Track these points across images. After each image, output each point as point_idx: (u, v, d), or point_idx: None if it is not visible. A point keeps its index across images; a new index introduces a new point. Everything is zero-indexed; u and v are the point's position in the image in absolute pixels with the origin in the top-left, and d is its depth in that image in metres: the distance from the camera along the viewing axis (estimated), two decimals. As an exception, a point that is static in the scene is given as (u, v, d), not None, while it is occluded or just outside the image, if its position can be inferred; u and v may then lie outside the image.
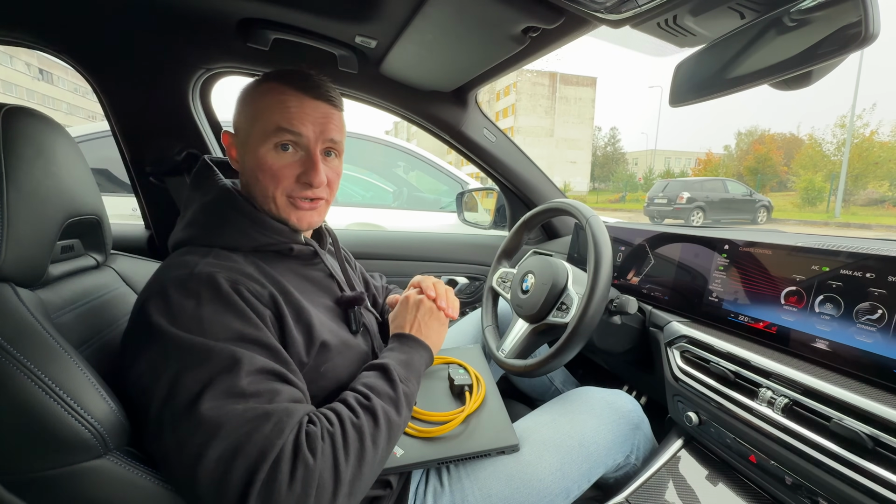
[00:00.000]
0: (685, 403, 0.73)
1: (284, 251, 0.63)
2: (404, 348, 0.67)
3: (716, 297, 0.75)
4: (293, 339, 0.56)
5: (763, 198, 12.76)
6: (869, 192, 17.86)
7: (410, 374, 0.63)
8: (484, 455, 0.69)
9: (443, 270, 1.38)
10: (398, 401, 0.57)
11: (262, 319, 0.53)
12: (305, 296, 0.62)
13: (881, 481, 0.45)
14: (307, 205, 0.64)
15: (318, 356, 0.59)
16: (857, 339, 0.54)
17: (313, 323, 0.59)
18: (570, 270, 0.87)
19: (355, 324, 0.68)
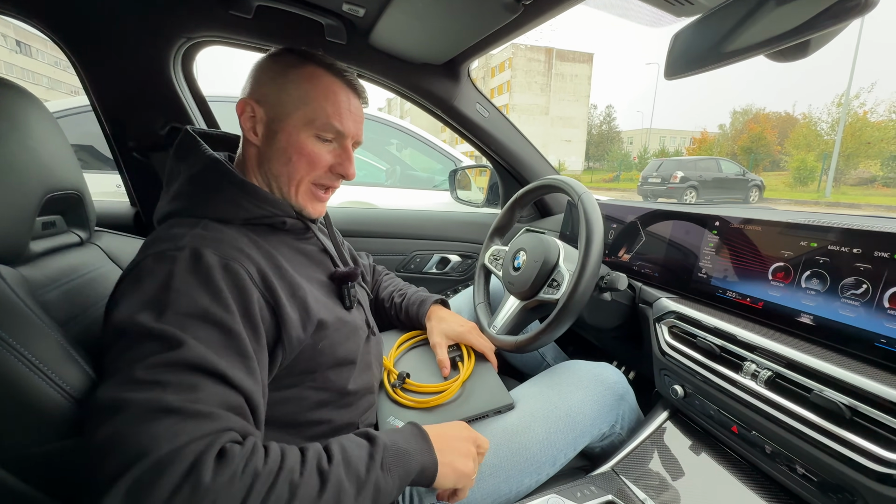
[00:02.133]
0: (671, 377, 0.75)
1: (277, 224, 0.62)
2: (412, 441, 0.52)
3: (705, 274, 0.76)
4: (288, 316, 0.53)
5: (755, 177, 12.80)
6: (860, 172, 17.99)
7: (396, 469, 0.47)
8: (482, 417, 0.73)
9: (435, 248, 1.37)
10: (364, 486, 0.44)
11: (245, 300, 0.49)
12: (299, 270, 0.61)
13: (856, 448, 0.47)
14: (324, 195, 0.66)
15: (315, 334, 0.58)
16: (841, 314, 0.55)
17: (308, 300, 0.58)
18: (562, 247, 0.87)
19: (349, 299, 0.67)
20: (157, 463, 0.35)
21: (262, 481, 0.38)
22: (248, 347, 0.47)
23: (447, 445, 0.54)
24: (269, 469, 0.40)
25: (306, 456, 0.43)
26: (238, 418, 0.43)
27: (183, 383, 0.40)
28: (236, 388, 0.44)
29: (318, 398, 0.61)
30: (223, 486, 0.36)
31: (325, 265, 0.68)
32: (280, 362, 0.54)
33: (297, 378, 0.58)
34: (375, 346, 0.76)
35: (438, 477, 0.52)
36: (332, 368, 0.62)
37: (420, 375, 0.83)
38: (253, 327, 0.49)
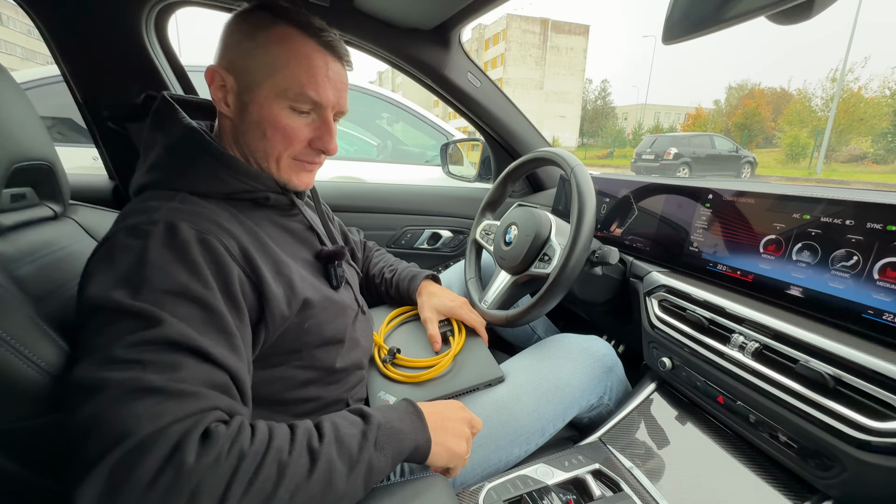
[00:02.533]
0: (660, 350, 0.75)
1: (260, 199, 0.59)
2: (406, 420, 0.51)
3: (696, 248, 0.75)
4: (272, 293, 0.51)
5: (748, 154, 12.81)
6: (851, 149, 18.07)
7: (389, 448, 0.46)
8: (472, 390, 0.74)
9: (426, 224, 1.36)
10: (356, 465, 0.43)
11: (224, 276, 0.47)
12: (284, 248, 0.59)
13: (838, 417, 0.48)
14: (311, 166, 0.62)
15: (301, 313, 0.56)
16: (830, 286, 0.55)
17: (294, 279, 0.56)
18: (554, 222, 0.86)
19: (336, 279, 0.65)
20: (140, 444, 0.34)
21: (249, 461, 0.37)
22: (230, 325, 0.46)
23: (441, 425, 0.54)
24: (255, 449, 0.38)
25: (296, 434, 0.42)
26: (224, 396, 0.42)
27: (164, 362, 0.39)
28: (220, 365, 0.43)
29: (305, 376, 0.60)
30: (208, 467, 0.35)
31: (311, 243, 0.66)
32: (264, 341, 0.53)
33: (282, 357, 0.57)
34: (364, 324, 0.75)
35: (431, 456, 0.51)
36: (318, 347, 0.61)
37: (411, 350, 0.83)
38: (234, 304, 0.48)
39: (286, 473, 0.38)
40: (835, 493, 0.50)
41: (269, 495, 0.37)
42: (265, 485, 0.37)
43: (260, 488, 0.37)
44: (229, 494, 0.35)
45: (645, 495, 0.59)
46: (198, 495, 0.34)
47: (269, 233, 0.58)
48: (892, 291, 0.49)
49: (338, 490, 0.41)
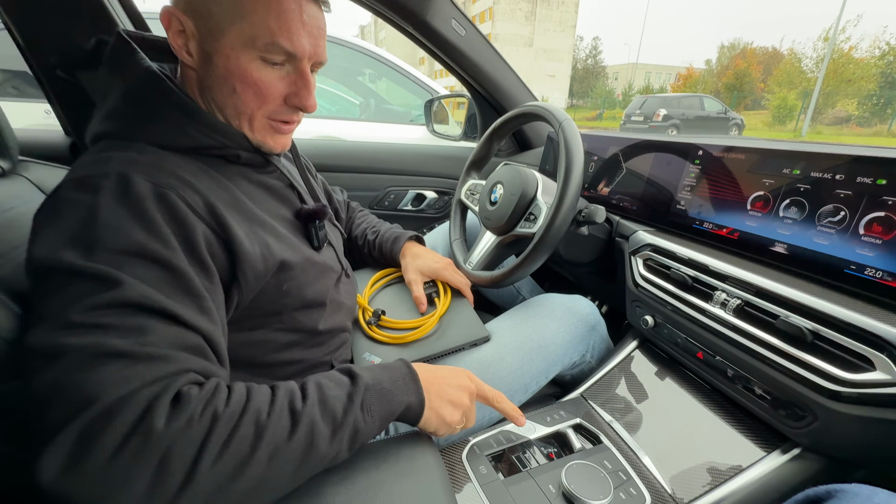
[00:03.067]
0: (643, 308, 0.76)
1: (230, 157, 0.54)
2: (398, 381, 0.48)
3: (683, 206, 0.74)
4: (245, 252, 0.48)
5: (736, 116, 12.78)
6: (836, 112, 18.11)
7: (378, 410, 0.45)
8: (457, 350, 0.74)
9: (410, 184, 1.31)
10: (340, 427, 0.41)
11: (186, 234, 0.44)
12: (261, 205, 0.55)
13: (813, 369, 0.49)
14: (287, 127, 0.56)
15: (279, 275, 0.53)
16: (815, 242, 0.55)
17: (271, 238, 0.53)
18: (540, 180, 0.83)
19: (317, 239, 0.62)
20: (106, 410, 0.32)
21: (224, 423, 0.36)
22: (197, 286, 0.43)
23: (439, 390, 0.51)
24: (231, 410, 0.37)
25: (276, 395, 0.41)
26: (197, 358, 0.40)
27: (127, 325, 0.36)
28: (191, 327, 0.40)
29: (286, 339, 0.58)
30: (178, 431, 0.34)
31: (291, 201, 0.62)
32: (238, 303, 0.50)
33: (261, 320, 0.55)
34: (348, 286, 0.73)
35: (423, 420, 0.49)
36: (299, 310, 0.58)
37: (396, 312, 0.82)
38: (201, 265, 0.44)
39: (264, 435, 0.37)
40: (804, 441, 0.52)
41: (245, 457, 0.36)
42: (241, 446, 0.36)
43: (236, 450, 0.35)
44: (202, 457, 0.34)
45: (623, 447, 0.61)
46: (169, 460, 0.33)
47: (243, 189, 0.54)
48: (875, 246, 0.49)
49: (320, 452, 0.40)
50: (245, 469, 0.35)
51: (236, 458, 0.35)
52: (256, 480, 0.36)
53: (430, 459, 0.50)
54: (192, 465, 0.33)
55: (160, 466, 0.32)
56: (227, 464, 0.35)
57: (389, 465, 0.48)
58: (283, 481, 0.39)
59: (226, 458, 0.35)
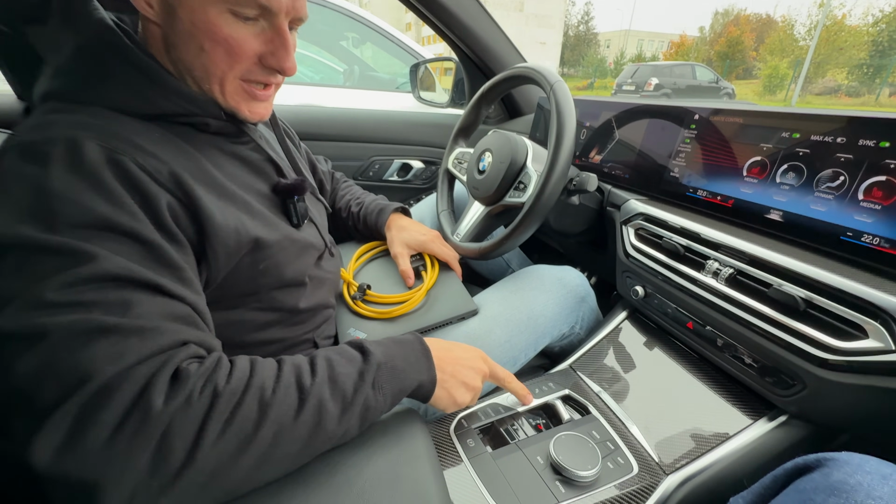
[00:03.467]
0: (633, 278, 0.74)
1: (198, 125, 0.49)
2: (411, 358, 0.47)
3: (677, 173, 0.72)
4: (216, 226, 0.44)
5: (728, 85, 12.67)
6: (826, 81, 18.04)
7: (389, 387, 0.44)
8: (445, 324, 0.72)
9: (395, 153, 1.26)
10: (350, 406, 0.40)
11: (150, 205, 0.40)
12: (235, 179, 0.51)
13: (804, 338, 0.48)
14: (263, 93, 0.50)
15: (254, 254, 0.49)
16: (812, 209, 0.53)
17: (245, 214, 0.49)
18: (531, 147, 0.80)
19: (296, 216, 0.57)
20: (103, 388, 0.31)
21: (225, 401, 0.34)
22: (174, 257, 0.40)
23: (453, 371, 0.50)
24: (233, 387, 0.35)
25: (283, 371, 0.39)
26: (191, 329, 0.38)
27: (110, 300, 0.34)
28: (178, 298, 0.38)
29: (265, 318, 0.55)
30: (178, 410, 0.32)
31: (267, 175, 0.57)
32: (207, 280, 0.46)
33: (237, 300, 0.52)
34: (332, 262, 0.70)
35: (434, 398, 0.49)
36: (278, 289, 0.55)
37: (382, 286, 0.80)
38: (171, 236, 0.41)
39: (269, 413, 0.36)
40: (791, 408, 0.52)
41: (248, 436, 0.35)
42: (244, 425, 0.34)
43: (238, 429, 0.34)
44: (204, 436, 0.33)
45: (612, 417, 0.61)
46: (168, 439, 0.32)
47: (214, 160, 0.49)
48: (874, 212, 0.47)
49: (328, 431, 0.39)
50: (248, 447, 0.35)
51: (239, 437, 0.34)
52: (260, 458, 0.35)
53: (417, 434, 0.49)
54: (194, 442, 0.32)
55: (161, 444, 0.31)
56: (230, 442, 0.34)
57: (376, 439, 0.46)
58: (288, 459, 0.38)
59: (228, 435, 0.34)
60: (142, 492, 0.31)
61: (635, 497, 0.51)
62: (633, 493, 0.51)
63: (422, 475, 0.44)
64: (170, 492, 0.32)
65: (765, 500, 0.39)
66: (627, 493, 0.51)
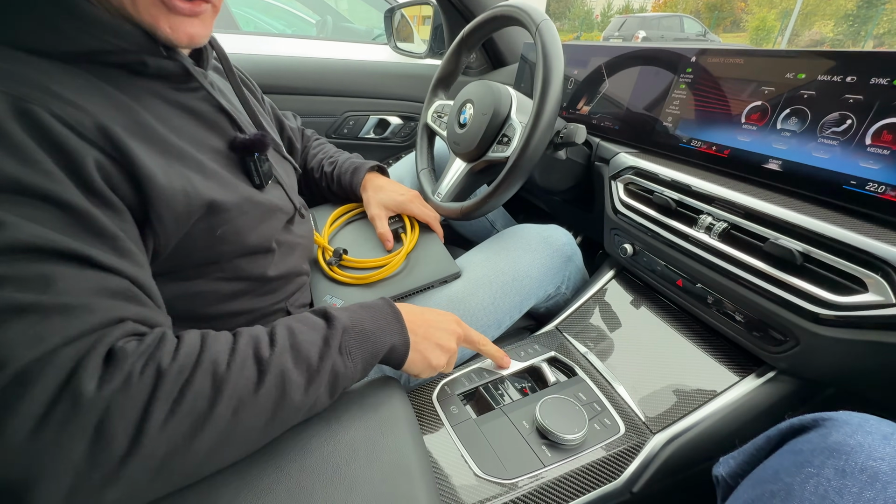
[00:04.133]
0: (622, 236, 0.71)
1: (134, 66, 0.41)
2: (381, 321, 0.45)
3: (670, 122, 0.67)
4: (159, 187, 0.38)
5: (715, 38, 12.45)
6: (812, 34, 17.77)
7: (359, 352, 0.41)
8: (427, 288, 0.69)
9: (371, 108, 1.18)
10: (316, 375, 0.38)
11: (72, 163, 0.34)
12: (182, 133, 0.44)
13: (799, 293, 0.46)
14: (186, 6, 0.41)
15: (210, 218, 0.44)
16: (814, 156, 0.50)
17: (193, 174, 0.42)
18: (515, 96, 0.74)
19: (259, 175, 0.51)
20: (20, 375, 0.27)
21: (172, 380, 0.31)
22: (105, 225, 0.34)
23: (426, 333, 0.49)
24: (180, 364, 0.32)
25: (238, 343, 0.36)
26: (130, 304, 0.34)
27: (25, 275, 0.29)
28: (111, 270, 0.33)
29: (231, 289, 0.50)
30: (115, 393, 0.29)
31: (222, 129, 0.50)
32: (155, 249, 0.41)
33: (196, 270, 0.47)
34: (304, 227, 0.64)
35: (407, 363, 0.47)
36: (242, 257, 0.50)
37: (359, 251, 0.76)
38: (102, 199, 0.35)
39: (224, 389, 0.33)
40: (782, 365, 0.51)
41: (202, 414, 0.32)
42: (197, 403, 0.32)
43: (191, 407, 0.31)
44: (149, 419, 0.30)
45: (598, 378, 0.60)
46: (107, 426, 0.28)
47: (155, 111, 0.42)
48: (882, 158, 0.44)
49: (294, 402, 0.37)
50: (205, 426, 0.32)
51: (192, 416, 0.31)
52: (220, 436, 0.33)
53: (396, 402, 0.46)
54: (138, 427, 0.29)
55: (98, 433, 0.28)
56: (181, 422, 0.31)
57: (352, 410, 0.44)
58: (253, 435, 0.36)
59: (179, 416, 0.31)
60: (82, 485, 0.28)
61: (622, 457, 0.50)
62: (620, 453, 0.50)
63: (401, 446, 0.42)
64: (116, 482, 0.28)
65: (757, 460, 0.37)
66: (614, 453, 0.50)
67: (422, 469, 0.40)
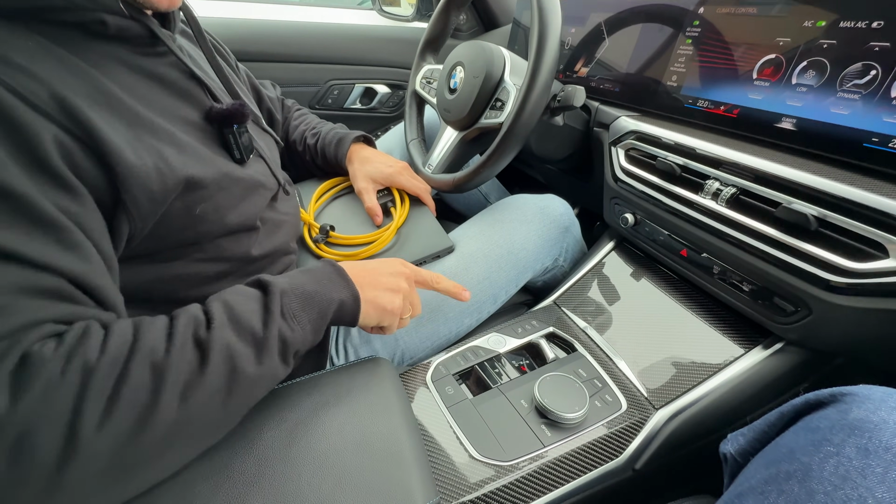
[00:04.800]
0: (622, 205, 0.68)
1: (91, 27, 0.36)
2: (323, 280, 0.42)
3: (674, 81, 0.63)
4: (128, 164, 0.34)
5: None
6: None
7: (305, 314, 0.39)
8: (420, 263, 0.66)
9: (357, 76, 1.11)
10: (264, 344, 0.35)
11: (25, 141, 0.30)
12: (151, 103, 0.39)
13: (813, 260, 0.43)
14: None
15: (187, 195, 0.40)
16: (832, 112, 0.46)
17: (167, 148, 0.39)
18: (508, 57, 0.69)
19: (237, 149, 0.47)
20: None
21: (103, 375, 0.28)
22: (48, 212, 0.30)
23: (372, 281, 0.47)
24: (111, 357, 0.29)
25: (175, 326, 0.33)
26: (59, 304, 0.30)
27: None
28: (43, 267, 0.30)
29: (213, 270, 0.47)
30: (34, 404, 0.26)
31: (196, 99, 0.45)
32: (132, 233, 0.37)
33: (175, 251, 0.43)
34: (288, 203, 0.60)
35: (361, 315, 0.45)
36: (224, 237, 0.46)
37: (346, 227, 0.72)
38: (57, 181, 0.31)
39: (166, 376, 0.30)
40: (792, 336, 0.49)
41: (147, 405, 0.29)
42: (137, 395, 0.29)
43: (130, 401, 0.29)
44: (81, 422, 0.27)
45: (598, 353, 0.58)
46: (27, 442, 0.25)
47: (118, 79, 0.38)
48: (909, 111, 0.40)
49: (248, 375, 0.34)
50: (151, 418, 0.29)
51: (135, 410, 0.29)
52: (174, 425, 0.30)
53: (386, 385, 0.44)
54: (70, 432, 0.26)
55: (16, 452, 0.25)
56: (123, 418, 0.28)
57: (340, 394, 0.42)
58: (214, 416, 0.33)
59: (118, 412, 0.28)
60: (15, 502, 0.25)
61: (624, 434, 0.48)
62: (622, 430, 0.48)
63: (393, 431, 0.40)
64: (59, 490, 0.26)
65: (768, 438, 0.35)
66: (616, 430, 0.48)
67: (415, 455, 0.38)
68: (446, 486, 0.42)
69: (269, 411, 0.39)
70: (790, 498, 0.29)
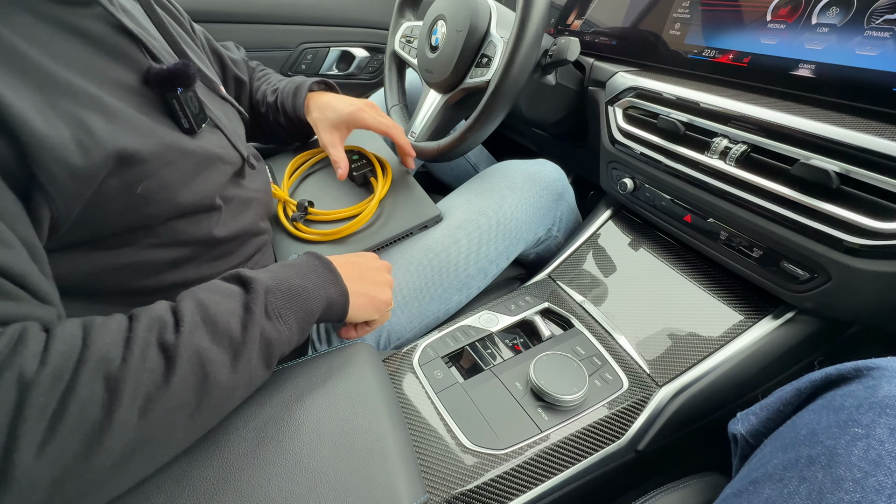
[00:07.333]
0: (620, 169, 0.63)
1: None
2: (310, 275, 0.40)
3: (678, 29, 0.57)
4: (38, 137, 0.29)
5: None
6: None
7: (291, 312, 0.36)
8: (406, 235, 0.62)
9: (332, 38, 1.02)
10: (243, 348, 0.32)
11: None
12: (68, 63, 0.33)
13: (834, 221, 0.39)
14: None
15: (123, 172, 0.34)
16: (857, 55, 0.41)
17: (91, 115, 0.33)
18: (494, 8, 0.63)
19: (185, 117, 0.41)
20: None
21: (44, 391, 0.24)
22: None
23: (360, 275, 0.45)
24: (54, 369, 0.25)
25: (135, 330, 0.29)
26: None
27: None
28: None
29: (170, 256, 0.42)
30: None
31: (131, 58, 0.38)
32: (56, 217, 0.31)
33: (120, 237, 0.38)
34: (256, 180, 0.54)
35: (352, 309, 0.43)
36: (178, 218, 0.41)
37: (325, 202, 0.66)
38: None
39: (122, 389, 0.26)
40: (807, 304, 0.45)
41: (97, 424, 0.25)
42: (87, 412, 0.25)
43: (77, 421, 0.25)
44: (17, 447, 0.23)
45: (597, 329, 0.54)
46: None
47: (25, 31, 0.31)
48: (949, 48, 0.35)
49: (222, 384, 0.30)
50: (103, 437, 0.25)
51: (83, 429, 0.25)
52: (131, 444, 0.27)
53: (368, 372, 0.41)
54: (3, 458, 0.23)
55: None
56: (68, 440, 0.24)
57: (315, 384, 0.38)
58: (179, 432, 0.30)
59: (63, 433, 0.24)
60: None
61: (626, 414, 0.45)
62: (624, 410, 0.45)
63: (375, 425, 0.36)
64: None
65: (783, 417, 0.32)
66: (618, 411, 0.45)
67: (399, 450, 0.35)
68: (436, 480, 0.39)
69: (236, 409, 0.35)
70: (813, 486, 0.26)
